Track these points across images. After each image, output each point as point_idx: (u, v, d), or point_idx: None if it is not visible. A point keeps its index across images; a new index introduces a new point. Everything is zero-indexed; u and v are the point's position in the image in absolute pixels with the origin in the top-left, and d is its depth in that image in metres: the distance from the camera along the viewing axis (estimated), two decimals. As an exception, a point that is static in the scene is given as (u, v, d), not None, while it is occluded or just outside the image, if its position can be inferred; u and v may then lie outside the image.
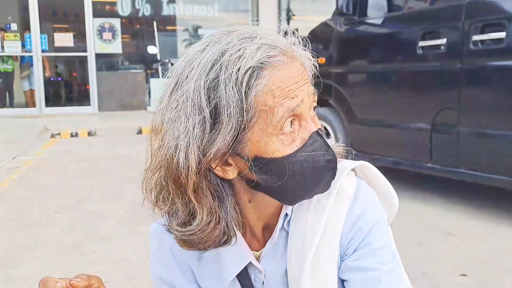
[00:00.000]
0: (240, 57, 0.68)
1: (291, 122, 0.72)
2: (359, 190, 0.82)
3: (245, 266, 0.83)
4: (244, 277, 0.83)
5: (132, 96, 10.80)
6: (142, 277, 2.58)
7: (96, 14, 10.41)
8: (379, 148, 4.19)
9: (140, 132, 8.67)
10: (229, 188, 0.75)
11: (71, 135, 8.21)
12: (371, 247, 0.79)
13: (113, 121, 9.53)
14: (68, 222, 3.57)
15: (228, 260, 0.82)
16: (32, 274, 2.63)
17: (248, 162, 0.72)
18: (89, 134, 8.31)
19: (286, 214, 0.81)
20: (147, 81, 11.03)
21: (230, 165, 0.74)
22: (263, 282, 0.84)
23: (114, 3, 10.79)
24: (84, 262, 2.79)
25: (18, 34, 10.10)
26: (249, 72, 0.68)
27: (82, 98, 11.08)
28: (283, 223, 0.81)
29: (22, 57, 9.64)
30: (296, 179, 0.72)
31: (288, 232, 0.81)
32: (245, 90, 0.68)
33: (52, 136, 8.01)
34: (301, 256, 0.78)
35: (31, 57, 9.96)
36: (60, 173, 5.28)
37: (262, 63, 0.69)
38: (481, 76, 3.40)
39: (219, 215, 0.74)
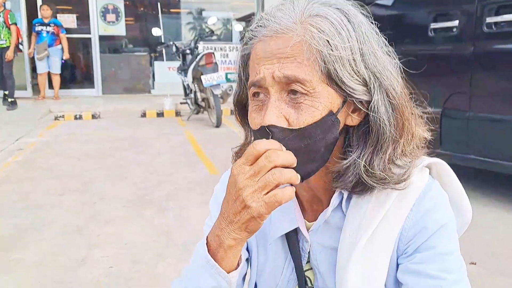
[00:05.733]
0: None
1: (258, 94, 0.73)
2: (430, 187, 0.78)
3: (296, 232, 0.84)
4: (292, 240, 0.85)
5: (136, 79, 10.73)
6: (147, 262, 2.56)
7: (99, -5, 10.29)
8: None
9: (144, 115, 8.64)
10: None
11: (75, 118, 8.17)
12: (435, 250, 0.73)
13: (117, 104, 9.48)
14: (73, 204, 3.55)
15: (278, 220, 0.84)
16: (36, 257, 2.61)
17: None
18: (93, 116, 8.27)
19: (341, 193, 0.78)
20: (151, 64, 10.94)
21: None
22: (309, 252, 0.84)
23: (117, -16, 10.63)
24: (88, 246, 2.77)
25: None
26: (245, 38, 0.76)
27: (86, 81, 11.01)
28: (340, 203, 0.79)
29: (38, 35, 9.26)
30: None
31: (344, 214, 0.79)
32: (241, 51, 0.78)
33: (56, 118, 7.97)
34: (355, 239, 0.76)
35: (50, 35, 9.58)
36: (64, 155, 5.25)
37: (251, 33, 0.74)
38: (495, 60, 3.31)
39: None
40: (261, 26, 0.73)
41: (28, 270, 2.47)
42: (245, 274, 0.90)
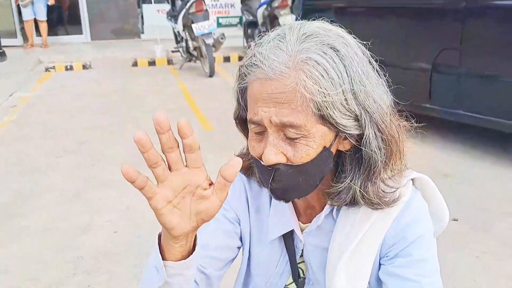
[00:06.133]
0: (247, 55, 0.79)
1: (257, 127, 0.78)
2: (413, 199, 0.85)
3: (292, 232, 0.93)
4: (288, 239, 0.94)
5: (124, 22, 10.45)
6: (148, 225, 2.69)
7: None
8: (378, 87, 4.15)
9: (135, 64, 8.51)
10: None
11: (66, 69, 8.06)
12: (412, 257, 0.82)
13: (107, 51, 9.30)
14: (70, 166, 3.63)
15: (276, 222, 0.93)
16: (40, 225, 2.73)
17: None
18: (84, 67, 8.16)
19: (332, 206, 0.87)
20: (139, 6, 10.61)
21: None
22: (302, 250, 0.94)
23: None
24: (91, 211, 2.88)
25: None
26: (241, 70, 0.79)
27: (74, 26, 10.70)
28: (331, 211, 0.88)
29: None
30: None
31: (334, 220, 0.88)
32: (237, 80, 0.81)
33: (47, 69, 7.86)
34: (343, 246, 0.85)
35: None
36: (58, 112, 5.26)
37: (246, 69, 0.77)
38: (486, 16, 3.29)
39: None
40: (255, 65, 0.74)
41: (34, 237, 2.60)
42: (233, 259, 0.99)
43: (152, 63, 8.63)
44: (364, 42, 0.80)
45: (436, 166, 3.44)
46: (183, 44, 7.67)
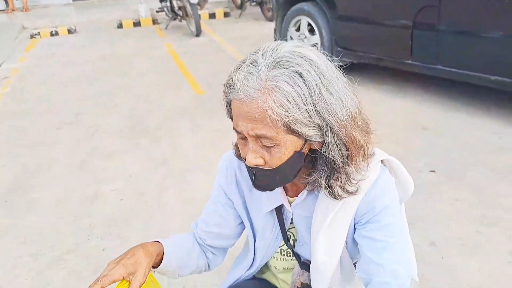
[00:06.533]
0: (229, 75, 0.92)
1: (240, 135, 0.94)
2: (380, 177, 1.02)
3: (282, 206, 1.13)
4: (280, 211, 1.14)
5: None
6: (151, 191, 2.91)
7: None
8: (362, 45, 4.28)
9: (120, 25, 8.46)
10: None
11: (51, 34, 8.01)
12: (380, 223, 1.01)
13: (90, 13, 9.19)
14: (72, 138, 3.80)
15: (268, 198, 1.13)
16: (51, 196, 2.94)
17: None
18: (69, 31, 8.10)
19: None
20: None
21: None
22: (291, 219, 1.15)
23: None
24: (97, 181, 3.09)
25: None
26: (225, 86, 0.92)
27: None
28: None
29: None
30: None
31: (317, 195, 1.06)
32: (224, 93, 0.94)
33: (32, 36, 7.81)
34: (324, 215, 1.04)
35: None
36: (50, 83, 5.35)
37: (228, 87, 0.91)
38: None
39: None
40: (232, 87, 0.88)
41: (48, 208, 2.81)
42: (235, 236, 1.26)
43: (137, 23, 8.58)
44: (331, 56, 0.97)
45: (416, 120, 3.66)
46: (168, 4, 7.61)
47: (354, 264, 1.16)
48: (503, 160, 2.98)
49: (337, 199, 1.00)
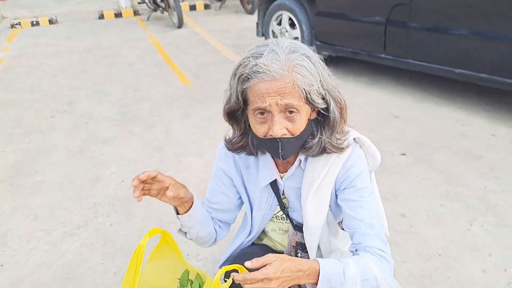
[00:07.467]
0: (245, 65, 1.14)
1: (261, 113, 1.16)
2: (353, 151, 1.29)
3: (275, 181, 1.38)
4: (274, 185, 1.39)
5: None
6: (148, 174, 3.14)
7: None
8: (340, 40, 4.59)
9: (101, 16, 8.52)
10: (249, 129, 1.29)
11: (32, 24, 8.02)
12: (355, 188, 1.27)
13: (70, 3, 9.20)
14: (67, 126, 3.99)
15: (263, 175, 1.37)
16: (55, 179, 3.15)
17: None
18: (50, 22, 8.13)
19: (300, 160, 1.32)
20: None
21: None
22: (283, 191, 1.40)
23: None
24: (97, 165, 3.30)
25: None
26: (243, 76, 1.15)
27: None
28: (299, 163, 1.33)
29: None
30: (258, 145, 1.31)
31: (303, 169, 1.32)
32: (239, 83, 1.16)
33: (13, 26, 7.82)
34: (310, 185, 1.30)
35: None
36: (38, 73, 5.46)
37: (249, 75, 1.13)
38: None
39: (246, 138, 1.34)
40: (258, 71, 1.11)
41: (52, 189, 3.02)
42: (235, 209, 1.52)
43: (118, 14, 8.66)
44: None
45: (389, 109, 4.01)
46: (149, -5, 7.73)
47: (338, 223, 1.46)
48: (465, 144, 3.35)
49: (332, 152, 1.28)
